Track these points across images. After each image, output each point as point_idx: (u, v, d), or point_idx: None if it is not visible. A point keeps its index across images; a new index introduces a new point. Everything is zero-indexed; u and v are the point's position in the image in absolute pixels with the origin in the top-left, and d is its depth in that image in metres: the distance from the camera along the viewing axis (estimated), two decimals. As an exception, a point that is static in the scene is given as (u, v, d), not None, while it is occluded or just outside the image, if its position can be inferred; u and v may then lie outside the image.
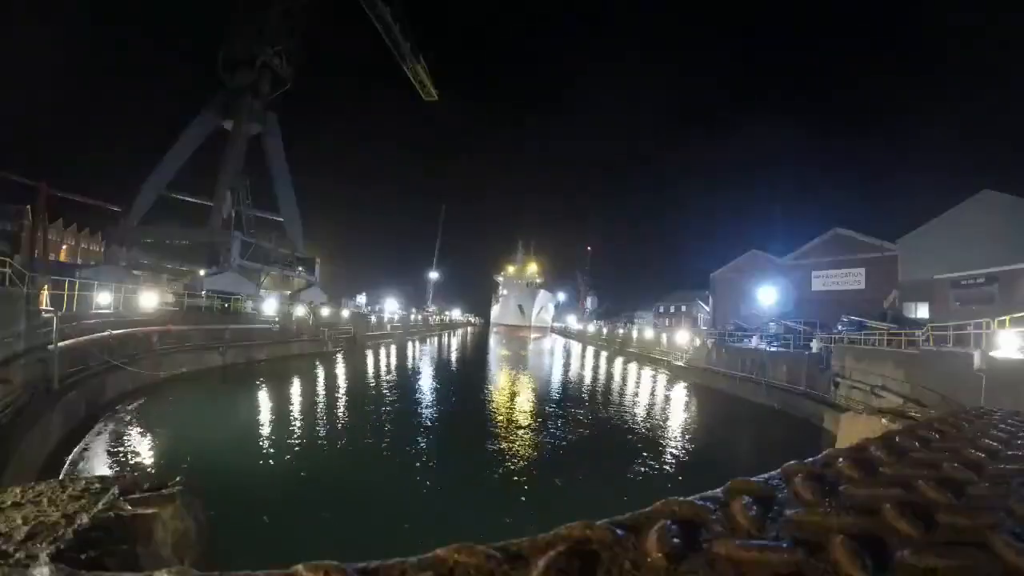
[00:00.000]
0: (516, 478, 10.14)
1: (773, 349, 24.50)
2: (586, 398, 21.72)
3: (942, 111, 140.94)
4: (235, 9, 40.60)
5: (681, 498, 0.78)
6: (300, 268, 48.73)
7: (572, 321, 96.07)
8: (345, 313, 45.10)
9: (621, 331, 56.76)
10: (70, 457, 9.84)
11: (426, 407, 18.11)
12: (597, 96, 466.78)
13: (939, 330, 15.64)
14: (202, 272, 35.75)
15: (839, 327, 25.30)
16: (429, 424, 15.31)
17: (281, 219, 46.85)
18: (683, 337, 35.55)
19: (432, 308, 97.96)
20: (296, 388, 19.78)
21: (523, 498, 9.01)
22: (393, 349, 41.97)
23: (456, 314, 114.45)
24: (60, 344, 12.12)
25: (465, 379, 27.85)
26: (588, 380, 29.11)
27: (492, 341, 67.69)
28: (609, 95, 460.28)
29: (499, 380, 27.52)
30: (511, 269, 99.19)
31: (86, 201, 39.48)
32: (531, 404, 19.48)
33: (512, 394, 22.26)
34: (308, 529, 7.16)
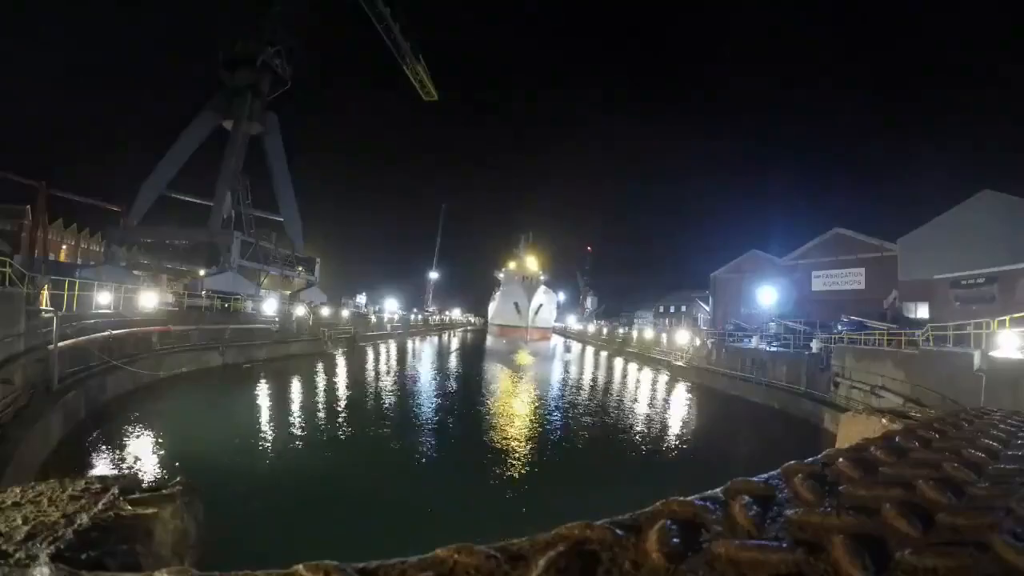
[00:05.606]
0: (515, 477, 10.14)
1: (773, 349, 24.51)
2: (585, 397, 21.70)
3: (942, 111, 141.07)
4: (235, 9, 40.72)
5: (681, 498, 0.78)
6: (300, 268, 48.81)
7: (572, 321, 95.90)
8: (345, 313, 45.06)
9: (621, 331, 56.71)
10: (70, 457, 9.83)
11: (425, 406, 18.10)
12: (597, 95, 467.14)
13: (939, 330, 15.63)
14: (202, 272, 35.83)
15: (839, 327, 25.29)
16: (428, 423, 15.30)
17: (281, 219, 46.90)
18: (683, 337, 35.53)
19: (432, 308, 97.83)
20: (296, 388, 19.77)
21: (523, 498, 9.01)
22: (393, 349, 41.96)
23: (456, 314, 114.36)
24: (60, 344, 12.11)
25: (464, 377, 27.83)
26: (587, 379, 29.10)
27: (489, 341, 67.49)
28: (608, 93, 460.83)
29: (498, 378, 27.51)
30: (512, 265, 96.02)
31: (86, 201, 39.53)
32: (529, 402, 19.47)
33: (510, 392, 22.26)
34: (308, 529, 7.16)
